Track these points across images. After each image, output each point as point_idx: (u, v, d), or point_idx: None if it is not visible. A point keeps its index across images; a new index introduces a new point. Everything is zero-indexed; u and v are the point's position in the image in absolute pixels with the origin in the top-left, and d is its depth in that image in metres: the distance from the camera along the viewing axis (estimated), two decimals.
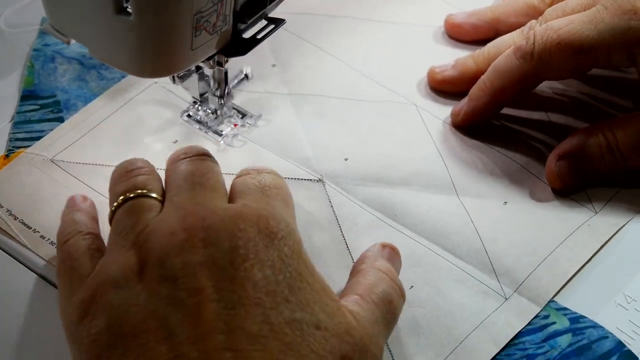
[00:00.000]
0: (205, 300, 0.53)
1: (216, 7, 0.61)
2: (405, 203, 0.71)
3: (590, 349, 0.63)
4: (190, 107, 0.76)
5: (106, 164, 0.73)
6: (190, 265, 0.54)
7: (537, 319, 0.65)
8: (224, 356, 0.51)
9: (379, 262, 0.63)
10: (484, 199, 0.72)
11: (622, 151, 0.70)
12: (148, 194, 0.60)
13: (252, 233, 0.56)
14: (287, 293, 0.54)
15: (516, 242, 0.69)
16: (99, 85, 0.79)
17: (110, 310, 0.54)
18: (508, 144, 0.76)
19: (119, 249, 0.57)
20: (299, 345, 0.53)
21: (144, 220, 0.58)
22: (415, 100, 0.78)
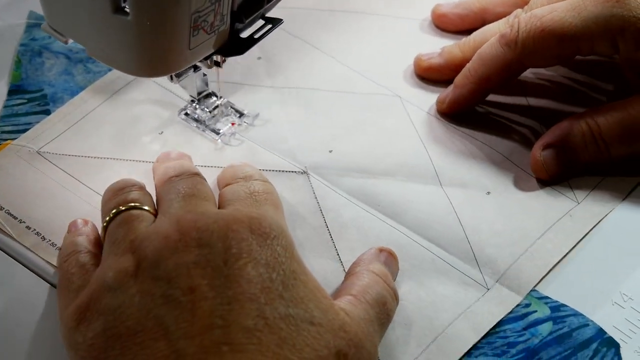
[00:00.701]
0: (200, 297, 0.54)
1: (214, 6, 0.62)
2: (389, 194, 0.71)
3: (570, 336, 0.64)
4: (188, 105, 0.76)
5: (91, 155, 0.73)
6: (184, 265, 0.55)
7: (518, 307, 0.66)
8: (221, 350, 0.52)
9: (373, 265, 0.63)
10: (467, 189, 0.72)
11: (606, 140, 0.71)
12: (140, 207, 0.61)
13: (244, 234, 0.56)
14: (282, 290, 0.55)
15: (498, 232, 0.69)
16: (85, 78, 0.79)
17: (106, 314, 0.55)
18: (492, 135, 0.76)
19: (113, 256, 0.58)
20: (294, 340, 0.54)
21: (136, 229, 0.59)
22: (400, 92, 0.79)
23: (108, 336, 0.54)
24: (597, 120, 0.71)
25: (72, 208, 0.70)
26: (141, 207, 0.61)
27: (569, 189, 0.72)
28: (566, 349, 0.63)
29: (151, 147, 0.73)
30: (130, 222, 0.60)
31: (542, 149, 0.72)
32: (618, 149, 0.71)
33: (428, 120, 0.77)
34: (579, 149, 0.71)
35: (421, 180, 0.73)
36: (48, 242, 0.68)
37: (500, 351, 0.63)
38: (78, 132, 0.75)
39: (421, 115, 0.77)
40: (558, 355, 0.63)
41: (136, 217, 0.60)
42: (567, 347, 0.63)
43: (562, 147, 0.72)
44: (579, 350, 0.63)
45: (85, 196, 0.70)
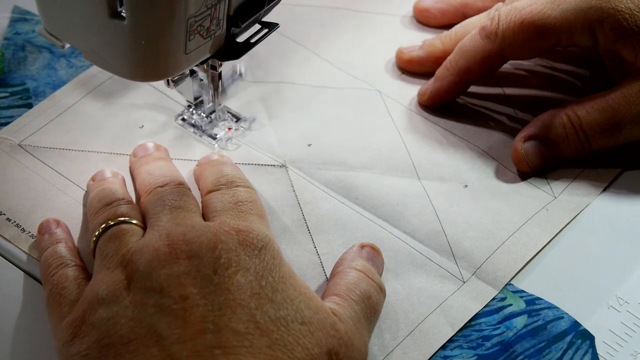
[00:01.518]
0: (191, 305, 0.54)
1: (210, 11, 0.62)
2: (367, 187, 0.72)
3: (545, 329, 0.64)
4: (185, 110, 0.76)
5: (72, 148, 0.73)
6: (175, 275, 0.55)
7: (494, 301, 0.66)
8: (214, 354, 0.52)
9: (356, 262, 0.63)
10: (444, 183, 0.72)
11: (586, 132, 0.71)
12: (129, 221, 0.62)
13: (232, 245, 0.57)
14: (272, 295, 0.56)
15: (475, 225, 0.70)
16: (68, 73, 0.79)
17: (99, 325, 0.55)
18: (470, 130, 0.76)
19: (105, 270, 0.58)
20: (285, 340, 0.54)
21: (127, 243, 0.60)
22: (380, 86, 0.79)
23: (102, 346, 0.54)
24: (578, 112, 0.71)
25: (52, 200, 0.70)
26: (130, 221, 0.62)
27: (546, 183, 0.73)
28: (540, 342, 0.63)
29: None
30: (120, 236, 0.61)
31: (523, 141, 0.72)
32: (598, 141, 0.71)
33: (407, 115, 0.77)
34: (560, 141, 0.72)
35: (399, 173, 0.73)
36: (28, 233, 0.68)
37: (475, 344, 0.64)
38: (59, 126, 0.75)
39: (400, 109, 0.78)
40: (532, 347, 0.63)
41: (126, 231, 0.61)
42: (541, 340, 0.64)
43: (543, 139, 0.72)
44: (553, 342, 0.63)
45: (65, 188, 0.71)
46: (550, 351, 0.63)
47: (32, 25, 0.83)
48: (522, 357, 0.63)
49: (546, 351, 0.63)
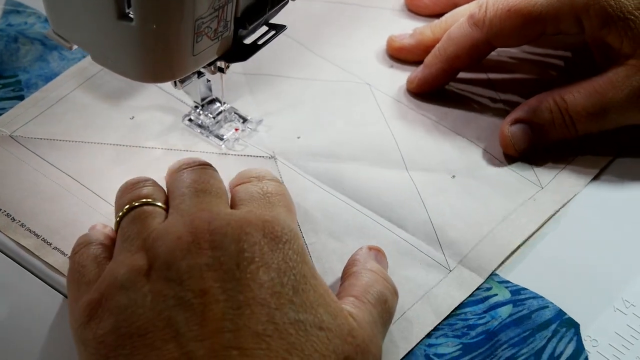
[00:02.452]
0: (211, 301, 0.54)
1: (217, 13, 0.62)
2: (355, 178, 0.72)
3: (530, 318, 0.65)
4: (192, 111, 0.76)
5: (63, 139, 0.74)
6: (197, 267, 0.55)
7: (479, 290, 0.66)
8: (230, 354, 0.52)
9: (370, 263, 0.63)
10: (432, 174, 0.73)
11: (572, 116, 0.71)
12: (153, 203, 0.61)
13: (257, 237, 0.56)
14: (292, 295, 0.55)
15: (462, 215, 0.70)
16: (60, 65, 0.80)
17: (117, 312, 0.55)
18: (458, 121, 0.77)
19: (126, 253, 0.58)
20: (302, 345, 0.54)
21: (149, 226, 0.59)
22: (369, 79, 0.80)
23: (118, 335, 0.54)
24: (565, 97, 0.72)
25: (43, 190, 0.71)
26: (154, 203, 0.61)
27: (533, 174, 0.73)
28: (525, 330, 0.64)
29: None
30: (143, 218, 0.60)
31: (510, 125, 0.73)
32: (584, 125, 0.72)
33: (396, 107, 0.78)
34: (546, 125, 0.72)
35: (387, 165, 0.73)
36: (18, 222, 0.68)
37: (460, 333, 0.64)
38: (51, 117, 0.76)
39: (389, 102, 0.78)
40: (517, 336, 0.64)
41: (149, 213, 0.60)
42: (526, 329, 0.64)
43: (530, 123, 0.73)
44: (537, 331, 0.64)
45: (56, 178, 0.71)
46: (535, 339, 0.63)
47: (24, 17, 0.83)
48: (507, 346, 0.63)
49: (530, 339, 0.63)
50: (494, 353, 0.63)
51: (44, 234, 0.68)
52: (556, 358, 0.63)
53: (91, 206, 0.70)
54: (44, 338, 0.63)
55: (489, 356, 0.63)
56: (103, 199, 0.70)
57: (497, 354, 0.63)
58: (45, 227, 0.69)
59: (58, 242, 0.68)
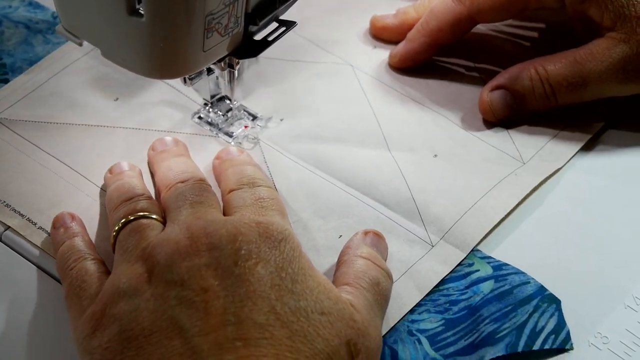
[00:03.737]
0: (212, 297, 0.54)
1: (228, 8, 0.62)
2: (339, 158, 0.73)
3: (511, 293, 0.65)
4: (201, 109, 0.76)
5: (48, 121, 0.74)
6: (196, 267, 0.56)
7: (461, 266, 0.67)
8: (235, 345, 0.53)
9: (361, 249, 0.64)
10: (414, 153, 0.74)
11: (552, 85, 0.72)
12: (148, 216, 0.62)
13: (252, 237, 0.57)
14: (291, 286, 0.56)
15: (444, 192, 0.71)
16: (44, 49, 0.80)
17: (121, 318, 0.55)
18: (441, 102, 0.78)
19: (126, 264, 0.59)
20: (305, 331, 0.54)
21: (147, 237, 0.60)
22: (352, 60, 0.80)
23: (124, 338, 0.55)
24: (545, 66, 0.73)
25: (28, 170, 0.71)
26: (150, 216, 0.62)
27: (515, 150, 0.74)
28: (507, 305, 0.64)
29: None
30: (140, 230, 0.61)
31: (490, 90, 0.74)
32: (564, 95, 0.73)
33: (379, 88, 0.78)
34: (526, 93, 0.73)
35: (370, 145, 0.74)
36: (3, 203, 0.69)
37: (442, 309, 0.65)
38: (35, 100, 0.76)
39: (373, 83, 0.79)
40: (498, 311, 0.64)
41: (146, 225, 0.61)
42: (508, 304, 0.64)
43: (510, 90, 0.74)
44: (519, 306, 0.64)
45: (41, 159, 0.72)
46: (517, 314, 0.64)
47: (8, 1, 0.83)
48: (489, 321, 0.64)
49: (512, 314, 0.64)
50: (476, 328, 0.63)
51: (29, 214, 0.69)
52: (538, 333, 0.63)
53: (75, 186, 0.70)
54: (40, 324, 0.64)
55: (471, 331, 0.63)
56: (87, 179, 0.71)
57: (479, 329, 0.63)
58: (30, 207, 0.69)
59: (43, 222, 0.68)
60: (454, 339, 0.64)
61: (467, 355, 0.63)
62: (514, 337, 0.63)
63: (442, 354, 0.63)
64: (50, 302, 0.65)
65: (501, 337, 0.63)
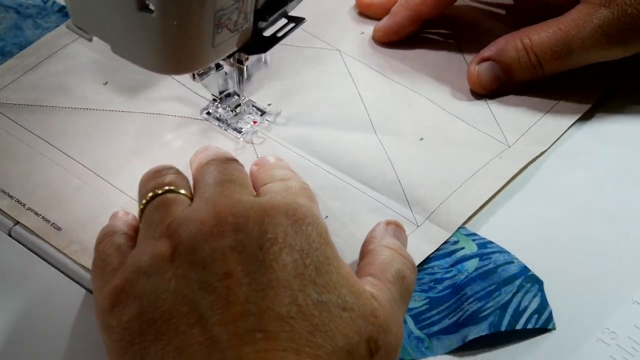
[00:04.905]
0: (235, 283, 0.53)
1: (237, 4, 0.62)
2: (325, 141, 0.74)
3: (495, 272, 0.66)
4: (210, 104, 0.76)
5: (37, 104, 0.75)
6: (220, 250, 0.54)
7: (446, 244, 0.68)
8: (255, 337, 0.52)
9: (386, 240, 0.63)
10: (400, 136, 0.74)
11: (538, 55, 0.73)
12: (176, 190, 0.61)
13: (280, 219, 0.56)
14: (315, 276, 0.55)
15: (430, 174, 0.72)
16: (34, 34, 0.81)
17: (141, 298, 0.54)
18: (427, 86, 0.78)
19: (149, 240, 0.58)
20: (326, 326, 0.53)
21: (173, 213, 0.59)
22: (339, 45, 0.81)
23: (142, 321, 0.54)
24: (530, 36, 0.73)
25: (17, 152, 0.72)
26: (177, 190, 0.61)
27: (501, 133, 0.75)
28: (490, 284, 0.65)
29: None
30: (166, 205, 0.59)
31: (477, 63, 0.75)
32: (550, 65, 0.74)
33: (366, 73, 0.79)
34: (513, 64, 0.74)
35: (357, 128, 0.75)
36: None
37: (427, 287, 0.65)
38: (25, 83, 0.77)
39: (359, 67, 0.79)
40: (482, 290, 0.65)
41: (172, 200, 0.60)
42: (492, 283, 0.65)
43: (497, 61, 0.74)
44: (503, 285, 0.65)
45: (29, 141, 0.72)
46: (500, 293, 0.64)
47: None
48: (473, 300, 0.64)
49: (496, 293, 0.64)
50: (460, 307, 0.64)
51: (18, 195, 0.69)
52: (521, 312, 0.64)
53: (64, 168, 0.71)
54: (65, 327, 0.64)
55: (455, 310, 0.64)
56: (76, 160, 0.71)
57: (463, 307, 0.64)
58: (19, 189, 0.70)
59: (32, 203, 0.69)
60: (438, 317, 0.64)
61: (451, 334, 0.63)
62: (497, 316, 0.63)
63: (427, 332, 0.63)
64: (63, 299, 0.65)
65: (485, 317, 0.63)
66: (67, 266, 0.66)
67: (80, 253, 0.66)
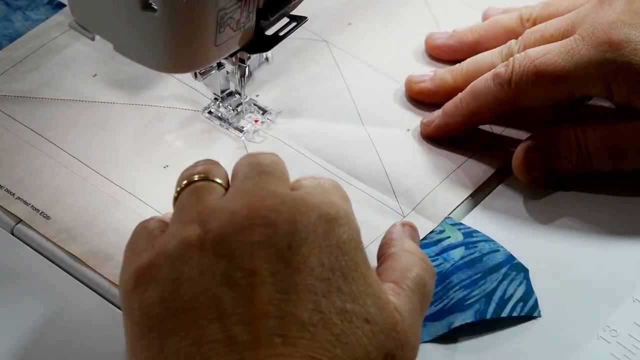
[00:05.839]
0: (259, 282, 0.53)
1: (240, 3, 0.62)
2: (312, 132, 0.74)
3: (481, 261, 0.66)
4: (211, 104, 0.76)
5: (27, 96, 0.76)
6: (247, 244, 0.54)
7: (432, 233, 0.68)
8: (273, 341, 0.51)
9: (407, 243, 0.62)
10: (387, 128, 0.75)
11: (590, 151, 0.71)
12: (211, 178, 0.59)
13: (312, 217, 0.55)
14: (341, 282, 0.54)
15: (416, 165, 0.72)
16: (24, 25, 0.81)
17: (164, 284, 0.54)
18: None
19: (178, 224, 0.56)
20: (347, 338, 0.53)
21: (205, 200, 0.57)
22: (326, 36, 0.81)
23: (163, 308, 0.53)
24: (585, 131, 0.71)
25: (6, 143, 0.72)
26: (212, 178, 0.59)
27: (488, 125, 0.75)
28: (476, 273, 0.65)
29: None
30: (200, 192, 0.58)
31: (526, 149, 0.72)
32: (600, 163, 0.71)
33: (353, 64, 0.80)
34: (563, 156, 0.71)
35: (344, 120, 0.75)
36: None
37: None
38: (15, 75, 0.77)
39: (347, 58, 0.80)
40: (468, 278, 0.65)
41: (206, 188, 0.58)
42: (478, 271, 0.66)
43: (547, 152, 0.71)
44: (488, 274, 0.65)
45: (18, 131, 0.73)
46: (486, 282, 0.65)
47: None
48: (459, 288, 0.65)
49: (482, 282, 0.65)
50: (446, 294, 0.64)
51: (7, 184, 0.70)
52: (507, 300, 0.64)
53: (53, 158, 0.72)
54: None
55: (441, 297, 0.64)
56: (65, 150, 0.72)
57: (449, 295, 0.64)
58: (8, 178, 0.70)
59: (21, 192, 0.69)
60: None
61: (437, 321, 0.64)
62: (483, 304, 0.64)
63: None
64: (65, 297, 0.65)
65: (470, 304, 0.64)
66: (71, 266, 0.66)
67: (68, 241, 0.66)
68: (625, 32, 0.69)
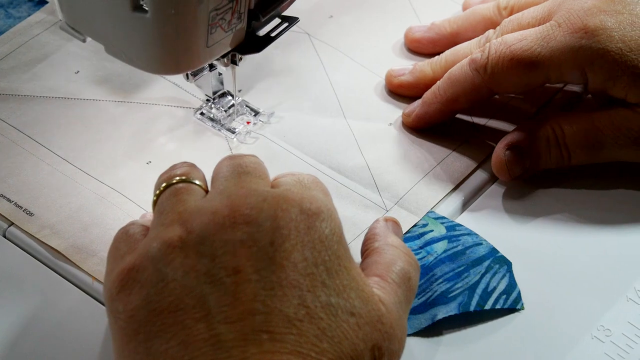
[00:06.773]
0: (243, 280, 0.53)
1: (231, 4, 0.62)
2: (295, 126, 0.74)
3: (464, 254, 0.66)
4: (203, 105, 0.76)
5: (10, 93, 0.75)
6: (230, 243, 0.54)
7: (416, 227, 0.68)
8: (260, 338, 0.51)
9: (390, 238, 0.62)
10: (369, 122, 0.75)
11: (568, 147, 0.71)
12: (190, 180, 0.60)
13: (294, 213, 0.55)
14: (325, 277, 0.54)
15: (398, 160, 0.72)
16: (6, 23, 0.81)
17: (148, 286, 0.54)
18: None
19: (160, 227, 0.57)
20: (333, 331, 0.53)
21: (186, 201, 0.58)
22: (308, 28, 0.82)
23: (149, 310, 0.53)
24: (563, 126, 0.71)
25: None
26: (191, 180, 0.60)
27: (469, 118, 0.75)
28: (459, 266, 0.66)
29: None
30: (180, 194, 0.58)
31: (505, 149, 0.71)
32: (579, 157, 0.71)
33: (335, 56, 0.80)
34: (542, 152, 0.71)
35: (326, 113, 0.75)
36: None
37: None
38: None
39: (329, 51, 0.80)
40: (451, 271, 0.65)
41: (186, 190, 0.59)
42: (461, 264, 0.66)
43: (525, 149, 0.71)
44: (471, 267, 0.66)
45: (1, 129, 0.73)
46: (469, 275, 0.65)
47: None
48: (442, 281, 0.65)
49: (465, 275, 0.65)
50: (430, 287, 0.65)
51: None
52: (490, 293, 0.65)
53: (35, 155, 0.72)
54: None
55: (424, 290, 0.65)
56: (47, 148, 0.72)
57: (432, 288, 0.65)
58: None
59: (3, 189, 0.69)
60: None
61: (420, 314, 0.64)
62: (466, 296, 0.64)
63: None
64: (57, 298, 0.65)
65: (454, 297, 0.64)
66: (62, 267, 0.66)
67: (50, 237, 0.67)
68: (601, 19, 0.69)
